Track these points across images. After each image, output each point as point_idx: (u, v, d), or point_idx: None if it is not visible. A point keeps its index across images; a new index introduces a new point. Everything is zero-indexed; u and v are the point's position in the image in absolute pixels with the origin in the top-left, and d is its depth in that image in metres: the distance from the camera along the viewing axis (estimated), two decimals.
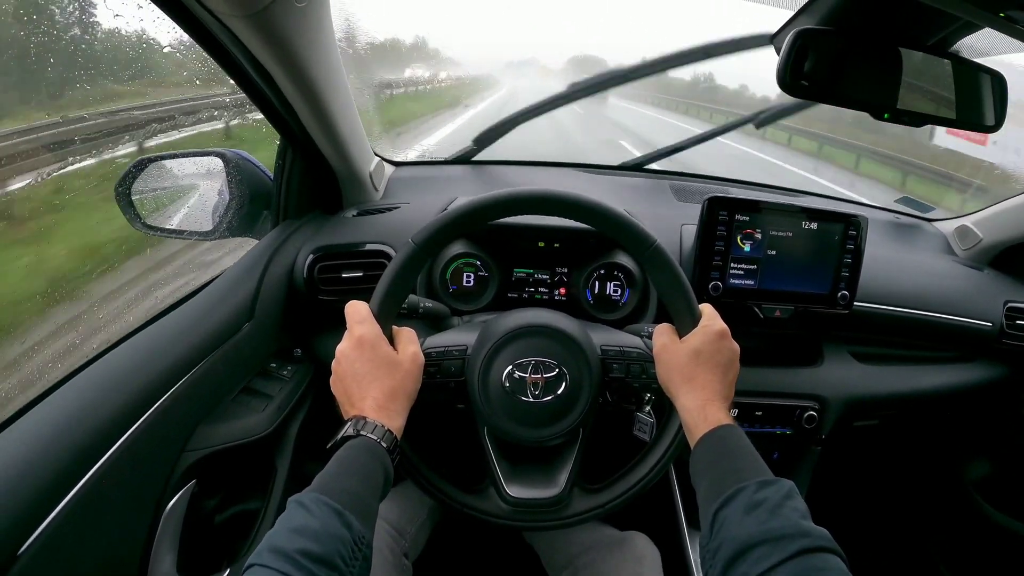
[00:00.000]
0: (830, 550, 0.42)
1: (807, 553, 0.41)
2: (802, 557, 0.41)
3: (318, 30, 0.66)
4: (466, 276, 0.90)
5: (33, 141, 1.07)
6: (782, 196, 1.20)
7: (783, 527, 0.43)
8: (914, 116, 0.70)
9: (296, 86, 0.70)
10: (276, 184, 0.89)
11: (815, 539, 0.42)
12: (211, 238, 0.87)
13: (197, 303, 0.75)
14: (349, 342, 0.57)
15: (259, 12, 0.56)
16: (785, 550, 0.41)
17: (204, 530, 0.72)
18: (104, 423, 0.57)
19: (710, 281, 0.86)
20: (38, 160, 1.08)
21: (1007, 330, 0.99)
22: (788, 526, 0.43)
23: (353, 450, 0.51)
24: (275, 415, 0.78)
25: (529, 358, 0.63)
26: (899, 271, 1.01)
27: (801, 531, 0.42)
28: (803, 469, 0.98)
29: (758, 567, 0.41)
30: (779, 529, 0.43)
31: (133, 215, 0.84)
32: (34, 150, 1.07)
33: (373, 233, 0.89)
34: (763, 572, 0.41)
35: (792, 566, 0.40)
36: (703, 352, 0.58)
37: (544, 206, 0.61)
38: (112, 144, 1.27)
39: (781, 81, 0.66)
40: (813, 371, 0.95)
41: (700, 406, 0.56)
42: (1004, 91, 0.72)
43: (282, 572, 0.40)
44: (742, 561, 0.42)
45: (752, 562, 0.42)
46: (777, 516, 0.44)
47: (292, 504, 0.46)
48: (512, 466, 0.66)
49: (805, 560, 0.41)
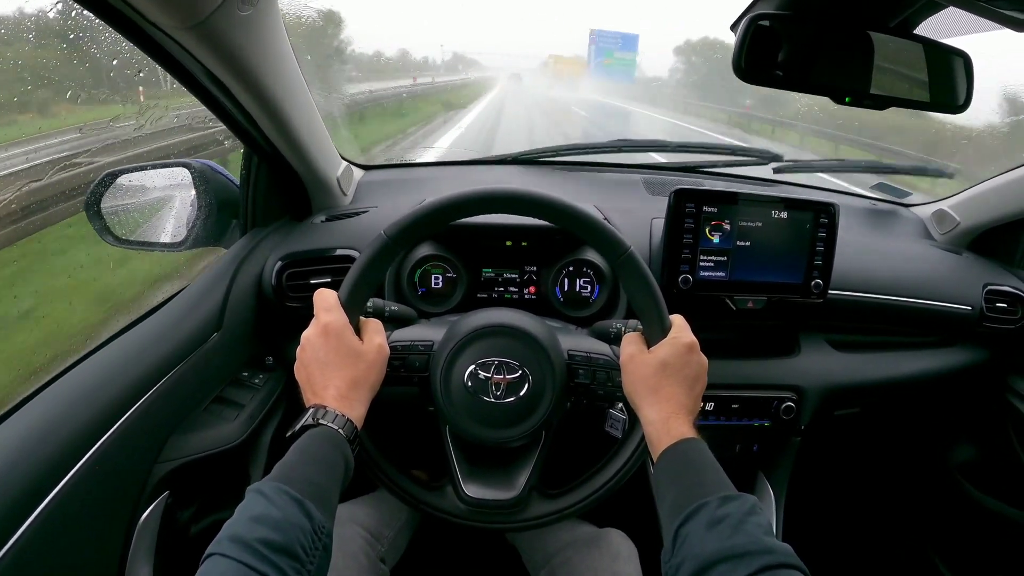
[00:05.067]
0: (793, 566, 0.42)
1: (769, 570, 0.41)
2: (765, 574, 0.41)
3: (268, 38, 0.66)
4: (434, 278, 0.90)
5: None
6: (756, 187, 1.19)
7: (745, 544, 0.42)
8: (883, 100, 0.70)
9: (252, 95, 0.70)
10: (242, 192, 0.89)
11: (777, 555, 0.42)
12: (181, 249, 0.87)
13: (164, 315, 0.75)
14: (315, 329, 0.57)
15: (202, 23, 0.55)
16: (748, 567, 0.41)
17: (180, 541, 0.72)
18: (73, 436, 0.57)
19: (680, 274, 0.85)
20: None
21: (987, 313, 0.98)
22: (750, 542, 0.43)
23: (313, 439, 0.51)
24: (247, 424, 0.78)
25: (492, 358, 0.63)
26: (877, 257, 1.01)
27: (764, 547, 0.42)
28: (784, 460, 0.98)
29: None
30: (741, 546, 0.42)
31: (103, 228, 0.84)
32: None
33: (342, 238, 0.89)
34: None
35: None
36: (670, 364, 0.57)
37: (516, 206, 0.61)
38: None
39: (737, 67, 0.66)
40: (790, 361, 0.95)
41: (664, 419, 0.55)
42: (972, 71, 0.71)
43: (242, 561, 0.39)
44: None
45: None
46: (740, 532, 0.43)
47: (252, 493, 0.46)
48: (472, 466, 0.66)
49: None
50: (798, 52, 0.67)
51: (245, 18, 0.59)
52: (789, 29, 0.67)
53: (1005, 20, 0.55)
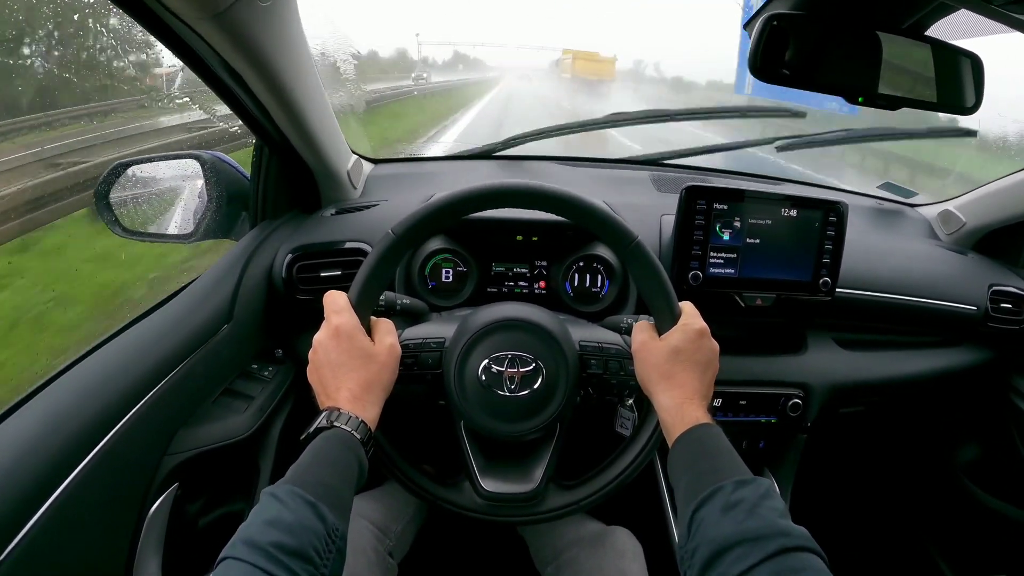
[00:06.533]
0: (809, 549, 0.42)
1: (785, 553, 0.41)
2: (780, 557, 0.40)
3: (285, 29, 0.66)
4: (445, 272, 0.90)
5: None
6: (764, 184, 1.20)
7: (761, 527, 0.42)
8: (891, 100, 0.70)
9: (267, 86, 0.70)
10: (253, 185, 0.89)
11: (793, 538, 0.42)
12: (190, 241, 0.87)
13: (174, 307, 0.75)
14: (326, 332, 0.57)
15: (223, 13, 0.56)
16: (763, 550, 0.41)
17: (189, 533, 0.72)
18: (83, 428, 0.57)
19: (690, 271, 0.85)
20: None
21: (992, 313, 0.99)
22: (766, 526, 0.43)
23: (327, 441, 0.51)
24: (257, 416, 0.78)
25: (505, 352, 0.63)
26: (883, 257, 1.01)
27: (779, 530, 0.42)
28: (789, 457, 0.98)
29: (736, 567, 0.41)
30: (757, 529, 0.42)
31: (112, 220, 0.84)
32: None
33: (351, 231, 0.89)
34: (741, 572, 0.40)
35: (770, 566, 0.40)
36: (682, 351, 0.57)
37: (524, 199, 0.61)
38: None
39: (752, 66, 0.66)
40: (797, 359, 0.95)
41: (678, 405, 0.55)
42: (982, 73, 0.72)
43: (255, 565, 0.39)
44: (720, 562, 0.42)
45: (730, 563, 0.41)
46: (755, 516, 0.43)
47: (266, 496, 0.46)
48: (488, 460, 0.66)
49: (783, 560, 0.40)
50: (810, 51, 0.68)
51: (264, 9, 0.59)
52: (802, 29, 0.68)
53: (1018, 24, 0.55)
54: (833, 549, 0.82)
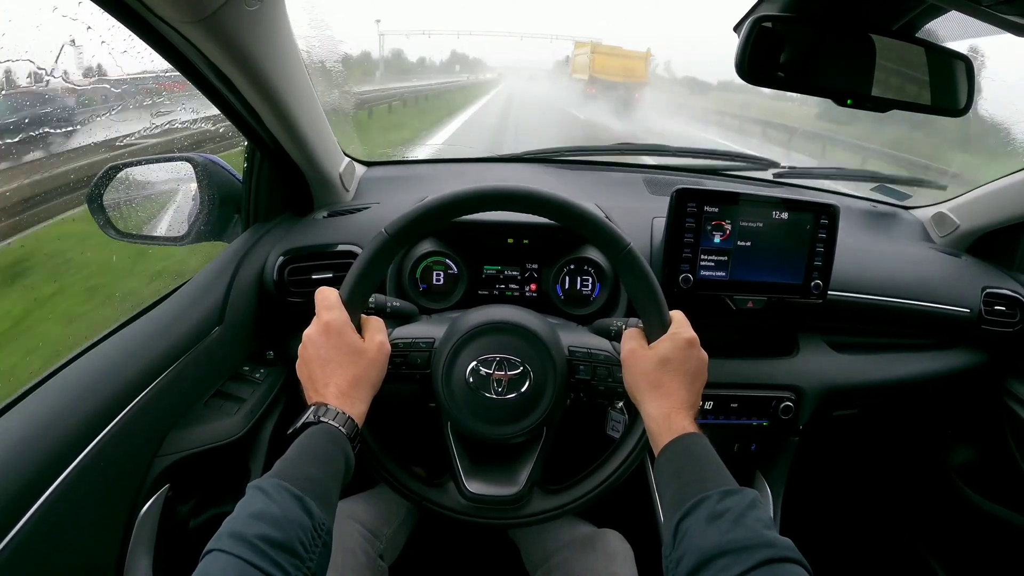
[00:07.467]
0: (793, 560, 0.42)
1: (770, 564, 0.41)
2: (765, 567, 0.41)
3: (274, 32, 0.66)
4: (436, 274, 0.90)
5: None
6: (757, 187, 1.20)
7: (746, 537, 0.43)
8: (882, 102, 0.70)
9: (256, 89, 0.70)
10: (245, 187, 0.90)
11: (778, 549, 0.42)
12: (183, 243, 0.87)
13: (166, 309, 0.75)
14: (316, 327, 0.58)
15: (210, 16, 0.56)
16: (748, 560, 0.41)
17: (179, 534, 0.72)
18: (73, 430, 0.57)
19: (680, 273, 0.85)
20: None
21: (986, 316, 0.99)
22: (751, 536, 0.43)
23: (314, 436, 0.51)
24: (248, 418, 0.78)
25: (494, 354, 0.63)
26: (876, 259, 1.01)
27: (764, 541, 0.42)
28: (781, 460, 0.98)
29: None
30: (742, 540, 0.42)
31: (105, 222, 0.84)
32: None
33: (343, 234, 0.89)
34: None
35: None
36: (671, 360, 0.57)
37: (517, 203, 0.61)
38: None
39: (740, 69, 0.66)
40: (789, 361, 0.95)
41: (665, 414, 0.55)
42: (973, 75, 0.72)
43: (241, 557, 0.39)
44: (705, 572, 0.42)
45: (715, 573, 0.42)
46: (740, 526, 0.44)
47: (252, 489, 0.46)
48: (474, 462, 0.66)
49: (768, 571, 0.40)
50: (800, 54, 0.68)
51: (252, 12, 0.60)
52: (791, 31, 0.68)
53: (1007, 25, 0.55)
54: (826, 552, 0.81)
